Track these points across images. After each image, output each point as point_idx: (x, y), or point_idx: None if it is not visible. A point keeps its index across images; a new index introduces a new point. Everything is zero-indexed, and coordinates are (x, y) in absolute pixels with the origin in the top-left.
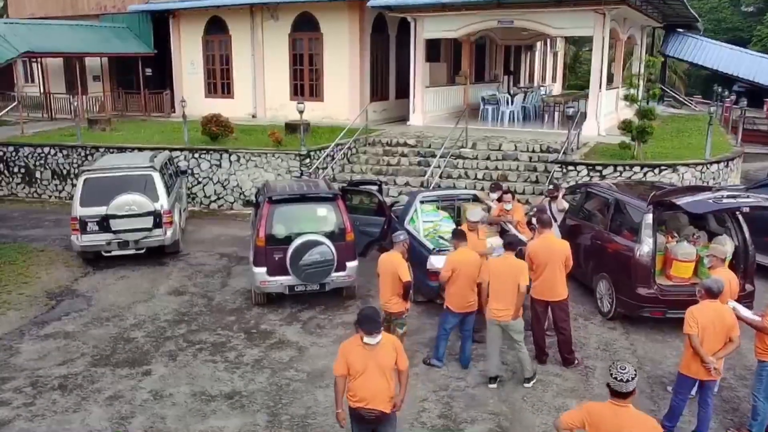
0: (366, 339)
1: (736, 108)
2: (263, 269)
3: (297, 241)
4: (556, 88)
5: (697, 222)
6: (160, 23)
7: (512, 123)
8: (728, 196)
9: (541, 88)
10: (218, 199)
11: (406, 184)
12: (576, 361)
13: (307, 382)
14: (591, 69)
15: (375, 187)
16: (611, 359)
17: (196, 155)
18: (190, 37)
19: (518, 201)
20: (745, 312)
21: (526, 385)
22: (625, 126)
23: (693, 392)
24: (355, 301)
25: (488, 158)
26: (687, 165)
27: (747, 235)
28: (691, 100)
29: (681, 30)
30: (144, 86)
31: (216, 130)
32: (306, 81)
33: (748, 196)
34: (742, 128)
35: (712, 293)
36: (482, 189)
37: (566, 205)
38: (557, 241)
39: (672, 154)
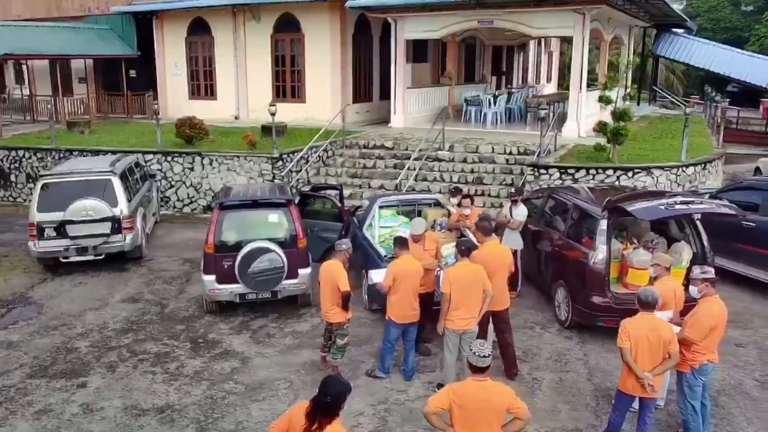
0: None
1: (731, 108)
2: (212, 277)
3: (245, 249)
4: (551, 89)
5: (658, 228)
6: (144, 24)
7: (495, 124)
8: (681, 202)
9: (531, 89)
10: (191, 202)
11: (381, 187)
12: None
13: (243, 395)
14: (571, 69)
15: (335, 192)
16: (562, 371)
17: (169, 158)
18: (174, 38)
19: (477, 206)
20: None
21: None
22: (600, 128)
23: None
24: (310, 309)
25: (465, 161)
26: (662, 168)
27: (706, 242)
28: (687, 101)
29: (673, 30)
30: (128, 88)
31: (190, 132)
32: (288, 82)
33: (701, 202)
34: (725, 128)
35: (646, 305)
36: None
37: (525, 211)
38: (501, 249)
39: (649, 157)
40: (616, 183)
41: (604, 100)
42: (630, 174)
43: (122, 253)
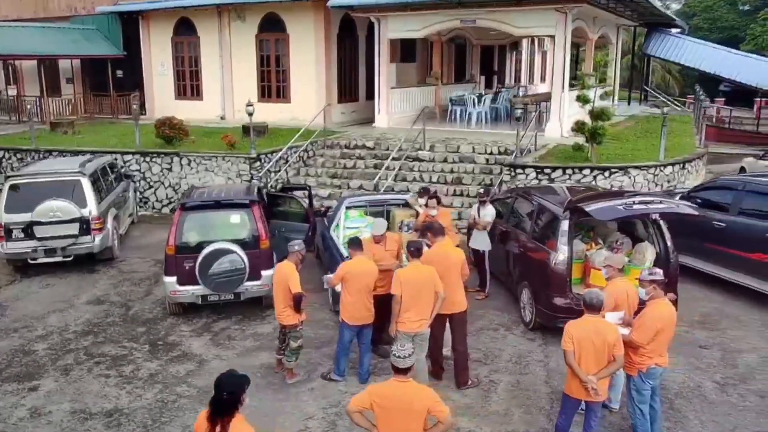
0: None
1: (724, 108)
2: (173, 278)
3: (206, 250)
4: (545, 88)
5: (626, 229)
6: (131, 25)
7: (480, 124)
8: (640, 202)
9: (523, 88)
10: (170, 203)
11: (360, 187)
12: (471, 382)
13: (194, 398)
14: (554, 68)
15: (304, 192)
16: (520, 373)
17: (147, 159)
18: (160, 38)
19: (445, 206)
20: (617, 325)
21: None
22: (579, 127)
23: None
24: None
25: (445, 160)
26: (639, 167)
27: (669, 242)
28: (681, 100)
29: (664, 29)
30: (115, 88)
31: (169, 132)
32: (273, 82)
33: (660, 202)
34: (718, 128)
35: (591, 307)
36: (435, 192)
37: (493, 211)
38: (452, 249)
39: (628, 156)
40: (593, 183)
41: (581, 100)
42: (607, 174)
43: (93, 254)
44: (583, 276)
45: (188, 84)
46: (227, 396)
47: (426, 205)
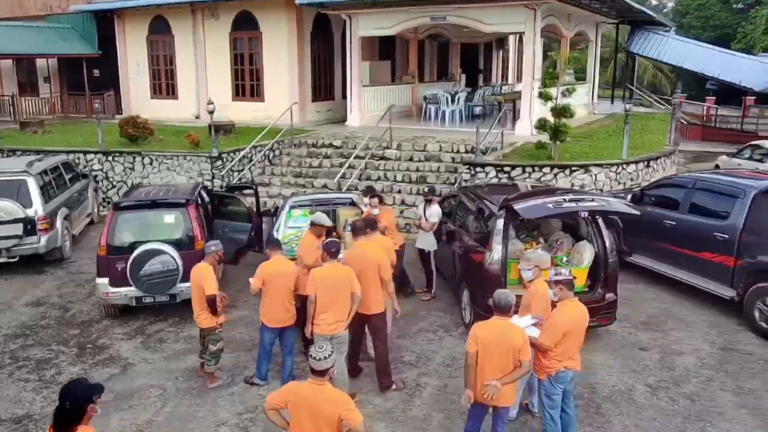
0: None
1: (710, 106)
2: (105, 280)
3: (137, 251)
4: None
5: (570, 228)
6: (107, 24)
7: (454, 123)
8: (570, 200)
9: (507, 86)
10: None
11: (324, 186)
12: (395, 386)
13: (109, 404)
14: (523, 66)
15: (251, 191)
16: (450, 376)
17: (110, 158)
18: (135, 37)
19: (387, 205)
20: (528, 329)
21: None
22: (541, 125)
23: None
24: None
25: (411, 159)
26: (601, 165)
27: (608, 241)
28: (666, 99)
29: (647, 27)
30: (92, 87)
31: (133, 132)
32: (247, 81)
33: (592, 200)
34: (704, 127)
35: (500, 309)
36: (399, 191)
37: (438, 211)
38: (372, 249)
39: (593, 154)
40: (553, 181)
41: (543, 97)
42: (567, 172)
43: (40, 255)
44: (521, 276)
45: (164, 83)
46: (70, 406)
47: (369, 205)
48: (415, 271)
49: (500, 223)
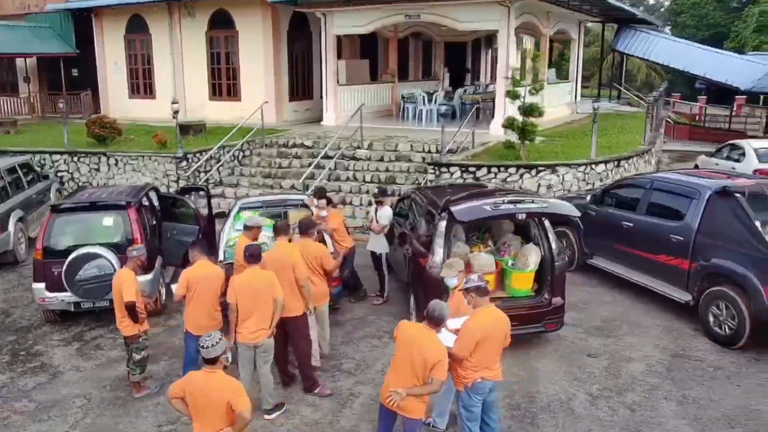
0: None
1: (694, 105)
2: (42, 285)
3: (72, 255)
4: None
5: (523, 229)
6: (84, 23)
7: (431, 122)
8: (509, 201)
9: (491, 85)
10: None
11: (292, 187)
12: (319, 390)
13: (29, 414)
14: (498, 64)
15: (201, 193)
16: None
17: (76, 159)
18: (113, 36)
19: (337, 207)
20: (448, 337)
21: (266, 417)
22: (509, 124)
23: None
24: (159, 318)
25: (381, 159)
26: (568, 166)
27: (554, 243)
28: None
29: (633, 25)
30: (70, 87)
31: (100, 132)
32: (224, 80)
33: (532, 201)
34: (691, 126)
35: (430, 319)
36: (367, 192)
37: (389, 213)
38: (287, 249)
39: (564, 154)
40: (520, 182)
41: (510, 96)
42: (534, 172)
43: None
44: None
45: (141, 82)
46: None
47: (317, 206)
48: (371, 273)
49: (442, 225)
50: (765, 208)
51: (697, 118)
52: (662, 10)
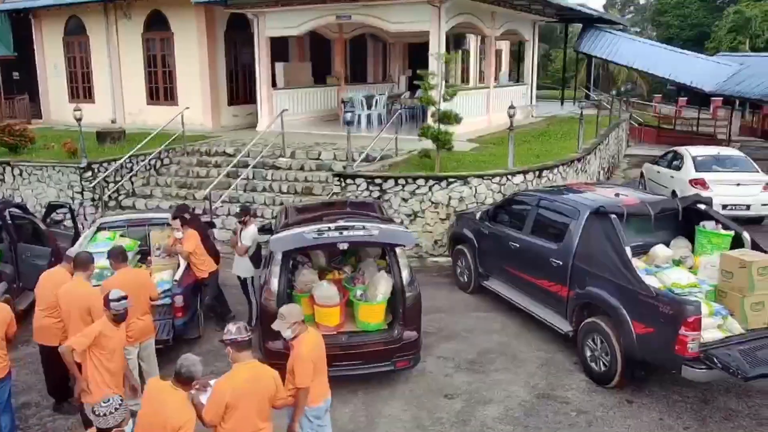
0: None
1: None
2: None
3: None
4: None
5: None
6: (23, 24)
7: (371, 128)
8: (337, 228)
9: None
10: None
11: (205, 198)
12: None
13: None
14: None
15: (64, 211)
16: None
17: None
18: (52, 38)
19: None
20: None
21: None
22: (423, 132)
23: None
24: None
25: (302, 168)
26: (482, 177)
27: (406, 272)
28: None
29: (601, 26)
30: (10, 91)
31: (9, 140)
32: (161, 84)
33: (362, 228)
34: (659, 129)
35: (178, 376)
36: (281, 203)
37: (255, 232)
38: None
39: (488, 163)
40: (428, 195)
41: (423, 101)
42: (444, 184)
43: None
44: (314, 312)
45: (80, 86)
46: None
47: (171, 227)
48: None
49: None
50: (647, 230)
51: (672, 121)
52: (645, 13)
